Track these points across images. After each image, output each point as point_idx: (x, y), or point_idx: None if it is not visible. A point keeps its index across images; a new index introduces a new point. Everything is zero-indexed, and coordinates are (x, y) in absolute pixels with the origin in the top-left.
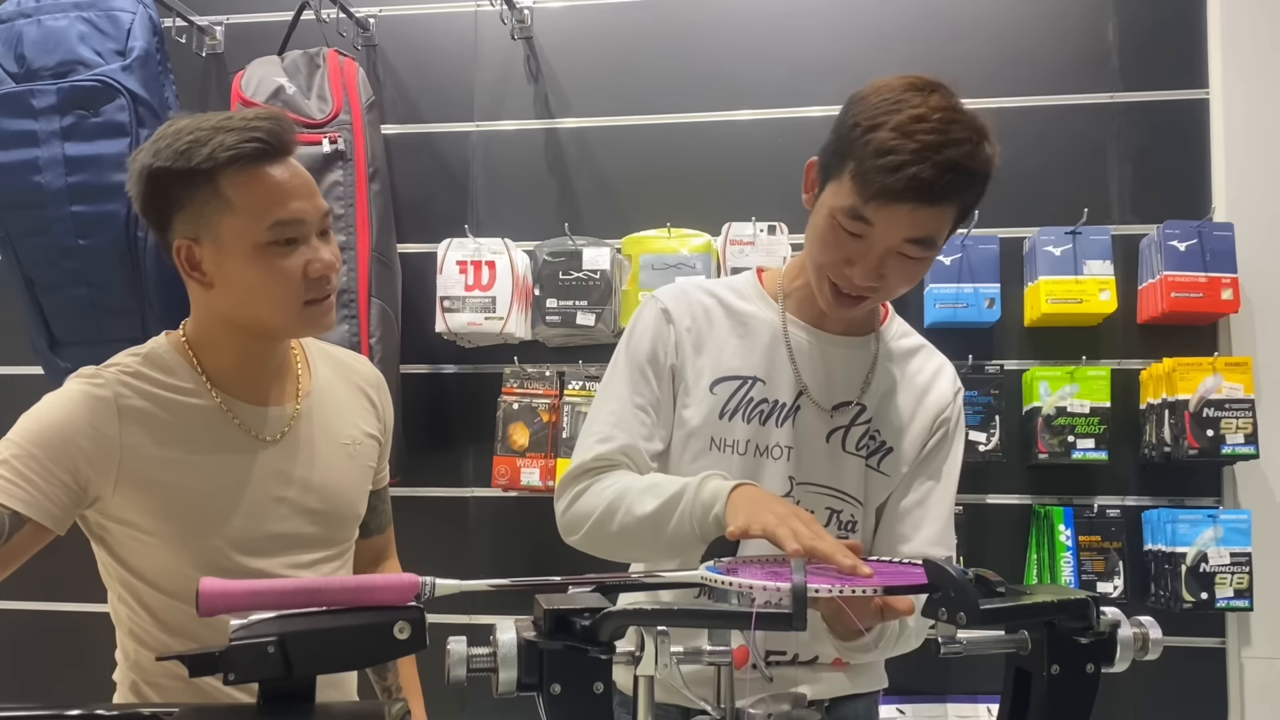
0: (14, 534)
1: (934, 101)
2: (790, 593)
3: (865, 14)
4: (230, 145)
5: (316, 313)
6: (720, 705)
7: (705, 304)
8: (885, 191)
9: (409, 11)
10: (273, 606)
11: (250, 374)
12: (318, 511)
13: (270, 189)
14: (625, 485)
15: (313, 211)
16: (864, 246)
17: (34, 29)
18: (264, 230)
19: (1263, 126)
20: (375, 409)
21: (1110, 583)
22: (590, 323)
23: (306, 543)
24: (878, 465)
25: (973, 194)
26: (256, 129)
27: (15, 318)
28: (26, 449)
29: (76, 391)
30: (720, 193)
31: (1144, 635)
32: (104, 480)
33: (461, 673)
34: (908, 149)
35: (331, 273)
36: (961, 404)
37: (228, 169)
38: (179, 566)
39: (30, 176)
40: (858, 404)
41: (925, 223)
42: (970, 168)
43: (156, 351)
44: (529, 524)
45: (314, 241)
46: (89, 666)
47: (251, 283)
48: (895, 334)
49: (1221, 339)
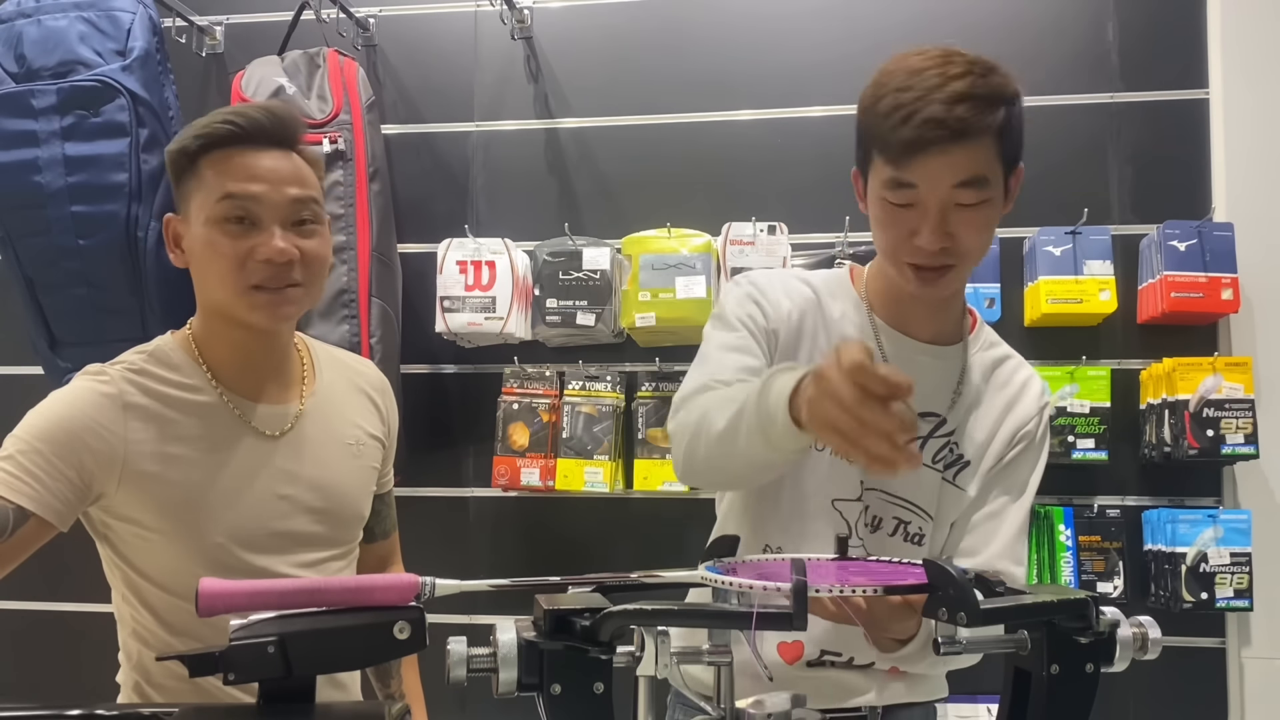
0: (17, 529)
1: (929, 53)
2: (791, 592)
3: (865, 14)
4: (204, 126)
5: (264, 300)
6: (720, 705)
7: (805, 295)
8: (907, 145)
9: (409, 11)
10: (272, 607)
11: (248, 368)
12: (321, 510)
13: (234, 168)
14: (708, 401)
15: (275, 196)
16: (919, 212)
17: (34, 29)
18: (215, 203)
19: (1263, 126)
20: (379, 412)
21: (1110, 583)
22: (590, 323)
23: (311, 541)
24: (954, 479)
25: (1001, 118)
26: (238, 115)
27: (15, 318)
28: (32, 444)
29: (83, 389)
30: (720, 193)
31: (1143, 635)
32: (108, 477)
33: (461, 673)
34: (911, 98)
35: (283, 261)
36: (1047, 418)
37: (208, 150)
38: (182, 564)
39: (30, 176)
40: (941, 416)
41: (965, 163)
42: (982, 93)
43: (162, 349)
44: (529, 524)
45: (273, 229)
46: (89, 666)
47: (200, 256)
48: (983, 343)
49: (1221, 339)
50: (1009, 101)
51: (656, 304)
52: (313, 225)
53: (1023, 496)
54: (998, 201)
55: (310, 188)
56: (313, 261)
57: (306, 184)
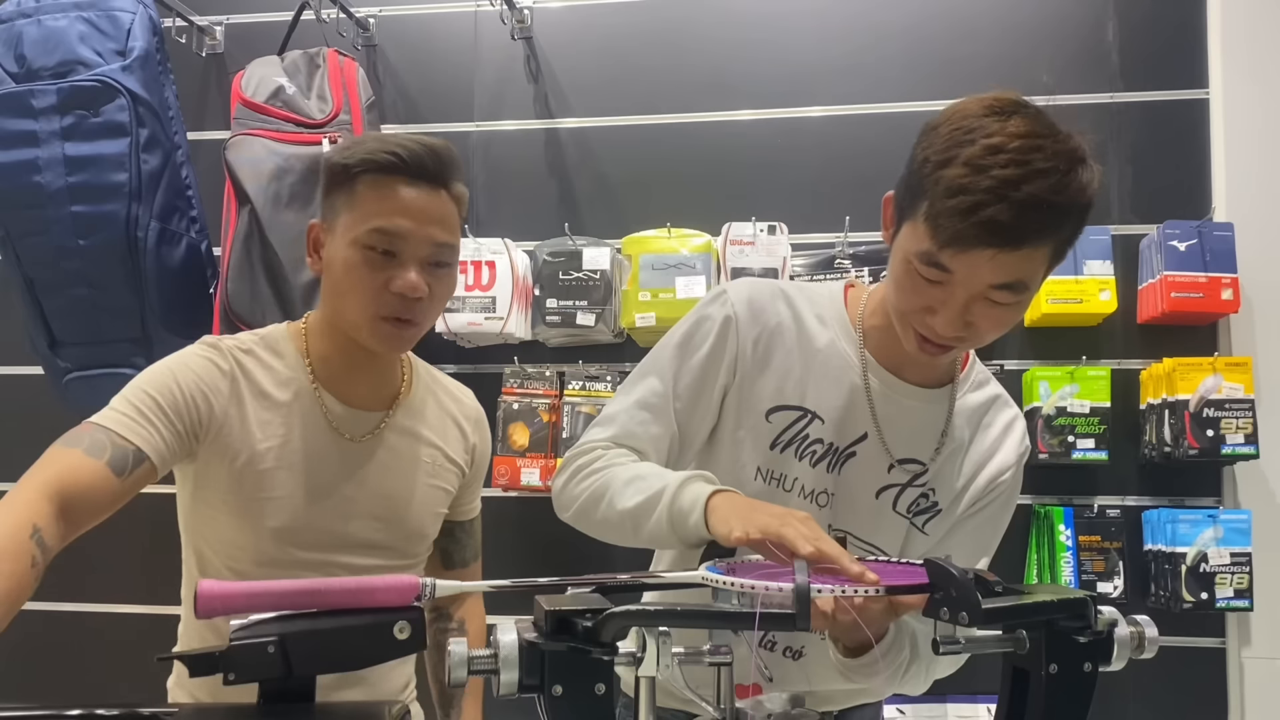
0: (135, 469)
1: (1013, 126)
2: (793, 593)
3: (865, 14)
4: (369, 151)
5: (388, 332)
6: (720, 706)
7: (780, 319)
8: (959, 238)
9: (409, 11)
10: (272, 607)
11: (350, 374)
12: (383, 518)
13: (387, 199)
14: (613, 474)
15: (419, 235)
16: (945, 294)
17: (34, 29)
18: (364, 231)
19: (1263, 126)
20: (465, 440)
21: (1110, 583)
22: (590, 323)
23: (369, 546)
24: (922, 526)
25: (1067, 229)
26: (401, 147)
27: (15, 318)
28: (148, 393)
29: (197, 354)
30: (720, 193)
31: (1140, 634)
32: (204, 437)
33: (462, 674)
34: (981, 187)
35: (413, 295)
36: (1022, 466)
37: (367, 173)
38: (237, 540)
39: (30, 176)
40: (922, 465)
41: (1010, 268)
42: (1058, 203)
43: (273, 335)
44: (529, 524)
45: (411, 265)
46: (89, 666)
47: (340, 275)
48: (973, 383)
49: (1221, 339)
50: (1084, 209)
51: (656, 304)
52: (447, 267)
53: (977, 543)
54: (1029, 300)
55: (452, 232)
56: (437, 300)
57: (449, 227)
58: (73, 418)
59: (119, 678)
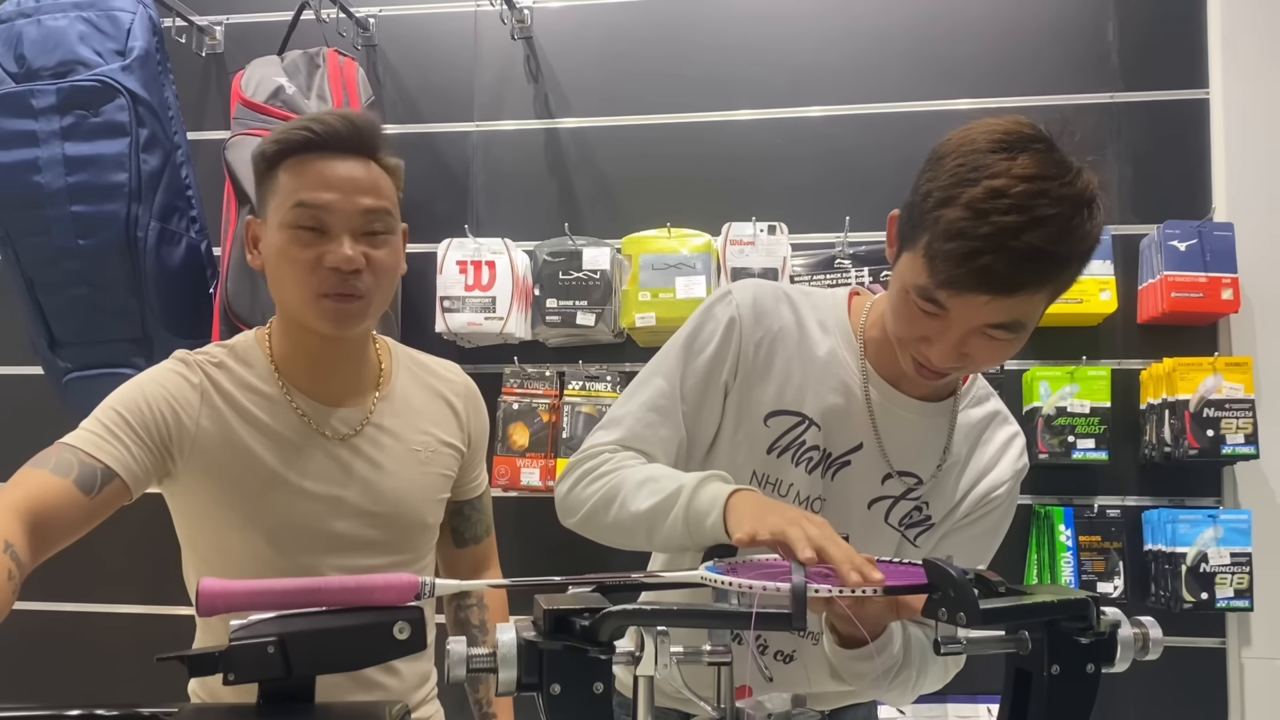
0: (104, 487)
1: (1019, 167)
2: (790, 593)
3: (865, 14)
4: (283, 131)
5: (330, 308)
6: (720, 705)
7: (784, 323)
8: (954, 282)
9: (409, 11)
10: (272, 606)
11: (318, 370)
12: (376, 515)
13: (308, 176)
14: (625, 476)
15: (346, 205)
16: (941, 326)
17: (34, 29)
18: (289, 210)
19: (1263, 126)
20: (459, 418)
21: (1110, 583)
22: (590, 323)
23: (362, 545)
24: (914, 539)
25: (1067, 275)
26: (315, 122)
27: (15, 318)
28: (118, 412)
29: (168, 370)
30: (720, 193)
31: (1144, 635)
32: (179, 453)
33: (461, 673)
34: (979, 233)
35: (350, 269)
36: (1019, 484)
37: (288, 156)
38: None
39: (30, 176)
40: (919, 479)
41: (1007, 310)
42: (1058, 252)
43: (241, 344)
44: (529, 524)
45: (343, 238)
46: (89, 666)
47: (275, 262)
48: (973, 398)
49: (1221, 339)
50: (1085, 255)
51: (656, 304)
52: (384, 235)
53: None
54: (1028, 335)
55: (383, 198)
56: (380, 271)
57: (380, 194)
58: (73, 418)
59: (119, 678)
